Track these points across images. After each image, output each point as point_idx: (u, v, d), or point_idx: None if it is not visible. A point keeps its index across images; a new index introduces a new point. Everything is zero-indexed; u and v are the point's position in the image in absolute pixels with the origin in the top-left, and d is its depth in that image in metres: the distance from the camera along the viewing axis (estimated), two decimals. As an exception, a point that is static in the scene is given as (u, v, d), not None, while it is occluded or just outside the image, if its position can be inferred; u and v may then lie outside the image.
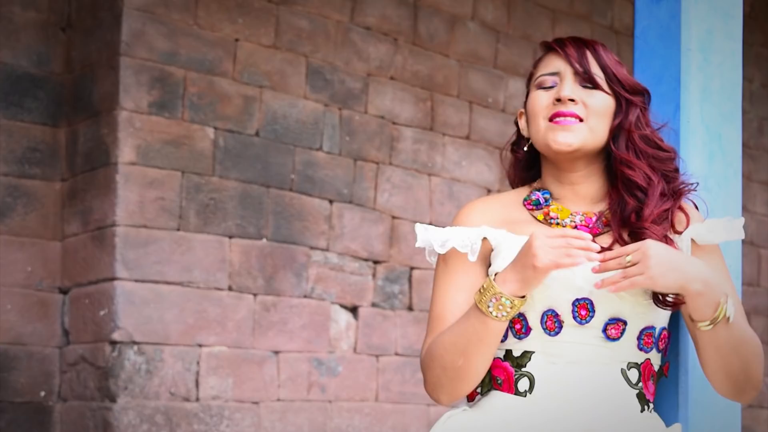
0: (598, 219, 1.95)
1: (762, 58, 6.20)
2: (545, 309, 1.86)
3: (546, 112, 1.94)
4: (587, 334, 1.86)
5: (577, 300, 1.85)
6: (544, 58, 2.03)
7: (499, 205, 2.04)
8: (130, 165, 3.74)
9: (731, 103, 2.25)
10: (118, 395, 3.66)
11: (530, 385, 1.87)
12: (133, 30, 3.77)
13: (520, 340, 1.89)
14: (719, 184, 2.20)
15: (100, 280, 3.74)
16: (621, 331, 1.86)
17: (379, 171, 4.45)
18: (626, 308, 1.86)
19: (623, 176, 1.94)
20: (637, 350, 1.88)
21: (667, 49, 2.20)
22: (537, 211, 2.00)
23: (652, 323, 1.89)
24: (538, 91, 1.98)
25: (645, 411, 1.90)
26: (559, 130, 1.92)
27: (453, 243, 1.92)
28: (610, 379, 1.86)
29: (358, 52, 4.42)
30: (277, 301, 4.10)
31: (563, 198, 2.00)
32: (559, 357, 1.86)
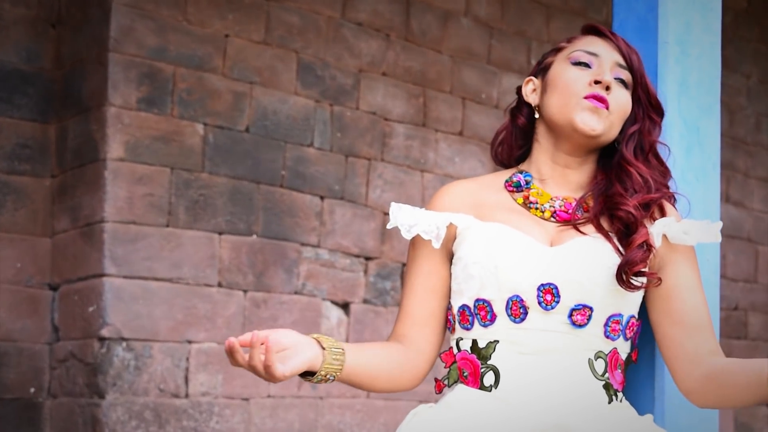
0: (578, 205, 1.95)
1: (760, 54, 6.18)
2: (510, 295, 1.85)
3: (580, 90, 1.92)
4: (553, 320, 1.85)
5: (542, 285, 1.84)
6: (584, 38, 2.03)
7: (475, 188, 2.03)
8: (118, 161, 3.74)
9: (710, 96, 2.25)
10: (106, 391, 3.66)
11: (495, 380, 1.86)
12: (122, 26, 3.77)
13: (486, 327, 1.88)
14: (697, 177, 2.20)
15: (89, 276, 3.74)
16: (587, 317, 1.85)
17: (370, 167, 4.44)
18: (592, 294, 1.85)
19: (621, 168, 1.96)
20: (604, 338, 1.87)
21: (644, 43, 2.19)
22: (517, 194, 1.99)
23: (620, 310, 1.88)
24: (572, 66, 1.96)
25: (613, 401, 1.89)
26: (591, 112, 1.91)
27: (418, 229, 1.93)
28: (576, 372, 1.85)
29: (350, 48, 4.41)
30: (267, 298, 4.10)
31: (549, 179, 1.99)
32: (525, 346, 1.85)
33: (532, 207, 1.96)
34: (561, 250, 1.87)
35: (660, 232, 1.92)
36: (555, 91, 1.96)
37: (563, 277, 1.84)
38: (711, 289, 2.20)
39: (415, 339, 1.97)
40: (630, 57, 1.99)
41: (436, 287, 1.97)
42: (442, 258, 1.97)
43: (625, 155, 1.96)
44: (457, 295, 1.94)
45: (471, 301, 1.90)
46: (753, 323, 6.03)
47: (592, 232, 1.91)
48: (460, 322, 1.93)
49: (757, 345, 6.06)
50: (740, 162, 6.02)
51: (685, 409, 2.13)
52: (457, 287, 1.93)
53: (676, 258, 1.93)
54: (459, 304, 1.93)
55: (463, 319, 1.92)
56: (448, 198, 2.00)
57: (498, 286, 1.85)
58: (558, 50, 2.04)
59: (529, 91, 2.04)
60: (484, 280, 1.87)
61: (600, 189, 1.96)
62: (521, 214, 1.95)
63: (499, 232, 1.89)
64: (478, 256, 1.88)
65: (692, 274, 1.94)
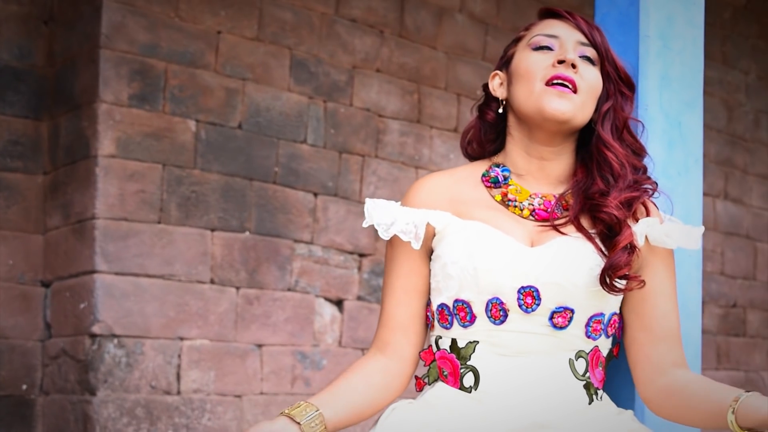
0: (558, 202, 1.90)
1: (758, 50, 6.16)
2: (490, 297, 1.82)
3: (544, 73, 1.87)
4: (533, 323, 1.82)
5: (522, 288, 1.81)
6: (541, 22, 1.98)
7: (451, 182, 1.97)
8: (109, 158, 3.73)
9: (692, 90, 2.22)
10: (97, 388, 3.66)
11: (475, 381, 1.83)
12: (113, 22, 3.76)
13: (465, 328, 1.85)
14: (679, 172, 2.18)
15: (81, 273, 3.73)
16: (568, 319, 1.82)
17: (364, 164, 4.43)
18: (574, 296, 1.82)
19: (600, 156, 1.90)
20: (585, 338, 1.85)
21: (625, 36, 2.18)
22: (495, 190, 1.93)
23: (601, 310, 1.86)
24: (533, 52, 1.91)
25: (594, 401, 1.87)
26: (556, 96, 1.85)
27: (396, 229, 1.88)
28: (557, 372, 1.82)
29: (344, 45, 4.41)
30: (260, 294, 4.09)
31: (527, 174, 1.94)
32: (505, 347, 1.82)
33: (511, 205, 1.91)
34: (541, 251, 1.84)
35: (643, 232, 1.89)
36: (519, 80, 1.91)
37: (544, 279, 1.81)
38: (693, 285, 2.19)
39: (398, 346, 1.93)
40: (592, 33, 1.93)
41: (417, 287, 1.93)
42: (421, 256, 1.92)
43: (602, 136, 1.90)
44: (436, 293, 1.90)
45: (450, 301, 1.86)
46: (751, 320, 6.01)
47: (573, 231, 1.87)
48: (439, 320, 1.90)
49: (755, 342, 6.04)
50: (739, 159, 6.00)
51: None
52: (436, 285, 1.90)
53: (654, 261, 1.90)
54: (438, 303, 1.89)
55: (442, 318, 1.89)
56: (424, 193, 1.95)
57: (477, 288, 1.82)
58: (518, 39, 1.99)
59: (497, 86, 1.99)
60: (463, 282, 1.83)
61: (580, 186, 1.91)
62: (500, 211, 1.90)
63: (478, 232, 1.85)
64: (457, 257, 1.84)
65: (668, 280, 1.92)
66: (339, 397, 1.84)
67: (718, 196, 5.85)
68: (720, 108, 5.90)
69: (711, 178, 5.80)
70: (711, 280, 5.78)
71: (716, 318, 5.80)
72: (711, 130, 5.81)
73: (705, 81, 5.88)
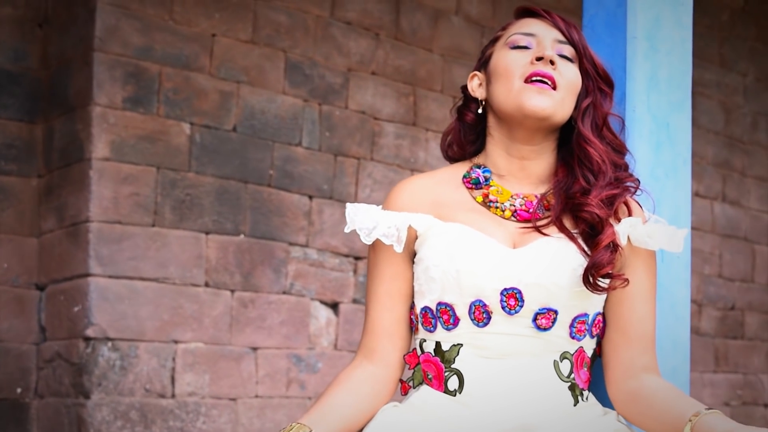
0: (540, 202, 1.89)
1: (756, 53, 6.15)
2: (473, 299, 1.81)
3: (522, 71, 1.87)
4: (517, 324, 1.81)
5: (505, 290, 1.80)
6: (518, 21, 1.98)
7: (432, 184, 1.96)
8: (103, 161, 3.73)
9: (680, 91, 2.22)
10: (91, 391, 3.65)
11: (460, 384, 1.82)
12: (107, 25, 3.76)
13: (449, 331, 1.84)
14: (667, 174, 2.18)
15: (75, 276, 3.73)
16: (552, 320, 1.81)
17: (360, 166, 4.43)
18: (557, 297, 1.81)
19: (581, 153, 1.90)
20: (570, 339, 1.84)
21: (613, 38, 2.18)
22: (476, 191, 1.92)
23: (585, 310, 1.85)
24: (512, 51, 1.91)
25: (579, 402, 1.86)
26: (535, 92, 1.85)
27: (378, 233, 1.87)
28: (541, 374, 1.82)
29: (339, 47, 4.40)
30: (255, 297, 4.09)
31: (508, 175, 1.94)
32: (489, 350, 1.81)
33: (492, 206, 1.90)
34: (524, 253, 1.83)
35: (625, 232, 1.88)
36: (498, 79, 1.90)
37: (527, 281, 1.80)
38: (682, 288, 2.19)
39: (384, 352, 1.92)
40: (569, 31, 1.93)
41: (401, 291, 1.92)
42: (404, 260, 1.91)
43: (582, 132, 1.90)
44: (419, 296, 1.89)
45: (433, 304, 1.86)
46: (750, 323, 6.00)
47: (555, 232, 1.86)
48: (423, 324, 1.89)
49: (754, 345, 6.03)
50: (737, 161, 5.99)
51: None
52: (419, 288, 1.89)
53: (635, 262, 1.89)
54: (421, 306, 1.89)
55: (426, 321, 1.88)
56: (406, 196, 1.94)
57: (460, 291, 1.81)
58: (496, 39, 1.99)
59: (476, 86, 1.98)
60: (445, 284, 1.83)
61: (561, 185, 1.90)
62: (482, 213, 1.89)
63: (460, 234, 1.84)
64: (440, 259, 1.83)
65: (647, 282, 1.90)
66: (330, 413, 1.83)
67: (716, 199, 5.85)
68: (718, 110, 5.90)
69: (709, 180, 5.79)
70: (709, 283, 5.77)
71: (714, 320, 5.79)
72: (709, 133, 5.81)
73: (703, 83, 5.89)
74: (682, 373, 2.17)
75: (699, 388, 5.62)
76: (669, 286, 2.15)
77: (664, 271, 2.14)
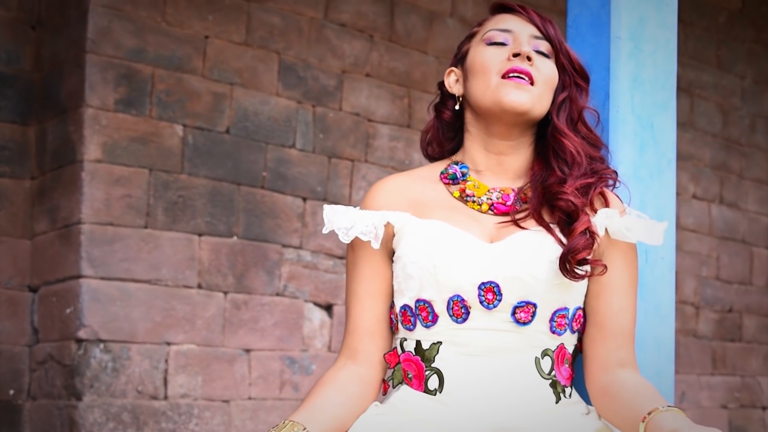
0: (517, 196, 1.90)
1: (753, 55, 6.14)
2: (451, 294, 1.81)
3: (500, 67, 1.88)
4: (496, 319, 1.81)
5: (482, 283, 1.80)
6: (494, 17, 1.99)
7: (410, 183, 1.97)
8: (95, 162, 3.73)
9: (665, 92, 2.22)
10: (83, 393, 3.65)
11: (440, 383, 1.82)
12: (99, 27, 3.76)
13: (428, 328, 1.84)
14: (651, 174, 2.17)
15: (67, 278, 3.73)
16: (531, 314, 1.81)
17: (354, 168, 4.43)
18: (535, 290, 1.81)
19: (556, 145, 1.91)
20: (550, 333, 1.83)
21: (597, 38, 2.18)
22: (453, 187, 1.94)
23: (565, 304, 1.85)
24: (488, 47, 1.92)
25: (562, 399, 1.85)
26: (513, 87, 1.86)
27: (356, 231, 1.87)
28: (522, 371, 1.81)
29: (333, 49, 4.40)
30: (248, 299, 4.08)
31: (486, 170, 1.95)
32: (468, 346, 1.81)
33: (469, 200, 1.91)
34: (501, 247, 1.83)
35: (602, 224, 1.88)
36: (476, 75, 1.91)
37: (504, 274, 1.80)
38: (666, 288, 2.18)
39: (367, 352, 1.93)
40: (545, 26, 1.94)
41: (381, 290, 1.92)
42: (383, 258, 1.92)
43: (557, 125, 1.91)
44: (398, 295, 1.90)
45: (412, 302, 1.86)
46: (748, 325, 5.99)
47: (533, 225, 1.86)
48: (403, 322, 1.89)
49: (752, 347, 6.01)
50: (734, 163, 5.98)
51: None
52: (398, 287, 1.89)
53: (613, 255, 1.89)
54: (401, 304, 1.89)
55: (405, 320, 1.88)
56: (383, 195, 1.95)
57: (438, 287, 1.82)
58: (472, 36, 2.00)
59: (452, 83, 2.00)
60: (423, 281, 1.83)
61: (538, 178, 1.91)
62: (459, 209, 1.90)
63: (437, 230, 1.85)
64: (417, 256, 1.84)
65: (626, 276, 1.90)
66: (320, 412, 1.82)
67: (714, 201, 5.83)
68: (715, 112, 5.89)
69: (706, 182, 5.78)
70: (706, 285, 5.76)
71: (712, 323, 5.78)
72: (706, 135, 5.80)
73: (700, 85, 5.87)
74: (667, 375, 2.17)
75: (696, 390, 5.61)
76: (653, 287, 2.15)
77: (648, 272, 2.14)
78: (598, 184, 1.89)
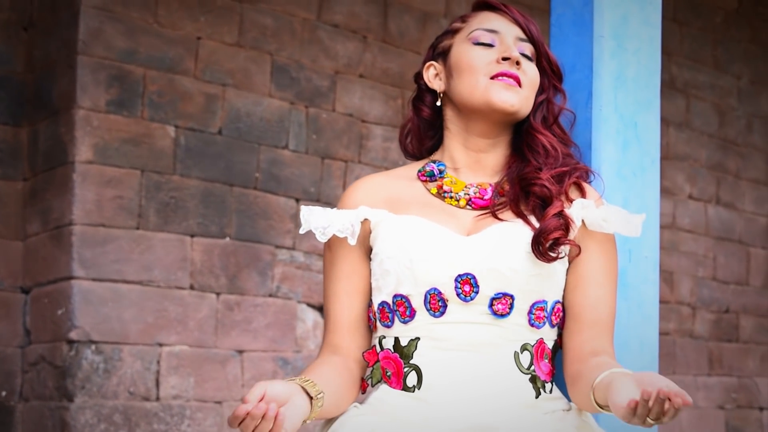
0: (495, 190, 1.91)
1: (750, 55, 6.13)
2: (428, 288, 1.81)
3: (488, 69, 1.90)
4: (473, 312, 1.81)
5: (459, 276, 1.80)
6: (479, 15, 1.99)
7: (387, 182, 1.98)
8: (87, 164, 3.73)
9: (648, 90, 2.22)
10: (75, 394, 3.65)
11: (418, 380, 1.82)
12: (91, 28, 3.76)
13: (406, 324, 1.84)
14: (635, 173, 2.17)
15: (58, 279, 3.73)
16: (509, 305, 1.81)
17: (347, 169, 4.42)
18: (512, 281, 1.80)
19: (531, 140, 1.93)
20: (529, 327, 1.83)
21: (579, 37, 2.18)
22: (431, 183, 1.95)
23: (543, 297, 1.84)
24: (474, 47, 1.93)
25: (542, 394, 1.85)
26: (503, 88, 1.88)
27: (333, 229, 1.88)
28: (501, 367, 1.81)
29: (326, 50, 4.40)
30: (240, 300, 4.08)
31: (463, 167, 1.96)
32: (446, 341, 1.81)
33: (447, 196, 1.92)
34: (477, 239, 1.84)
35: (579, 215, 1.88)
36: (461, 74, 1.92)
37: (481, 266, 1.80)
38: (650, 287, 2.18)
39: (348, 349, 1.93)
40: (529, 29, 1.97)
41: (359, 288, 1.93)
42: (360, 257, 1.93)
43: (533, 124, 1.94)
44: (376, 292, 1.90)
45: (389, 298, 1.86)
46: (744, 326, 5.97)
47: (511, 217, 1.87)
48: (381, 319, 1.89)
49: (749, 348, 6.00)
50: (731, 163, 5.97)
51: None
52: (376, 284, 1.90)
53: (590, 246, 1.89)
54: (378, 301, 1.89)
55: (383, 317, 1.88)
56: (360, 193, 1.96)
57: (414, 281, 1.82)
58: (454, 31, 1.99)
59: (432, 77, 2.00)
60: (400, 275, 1.83)
61: (514, 171, 1.92)
62: (435, 205, 1.91)
63: (412, 225, 1.86)
64: (393, 251, 1.84)
65: (603, 267, 1.90)
66: (329, 387, 1.81)
67: (710, 201, 5.82)
68: (712, 113, 5.88)
69: (703, 183, 5.78)
70: (703, 286, 5.75)
71: (708, 323, 5.77)
72: (702, 135, 5.79)
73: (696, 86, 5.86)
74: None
75: (693, 391, 5.60)
76: (637, 286, 2.14)
77: (632, 271, 2.14)
78: (572, 173, 1.91)
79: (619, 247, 2.08)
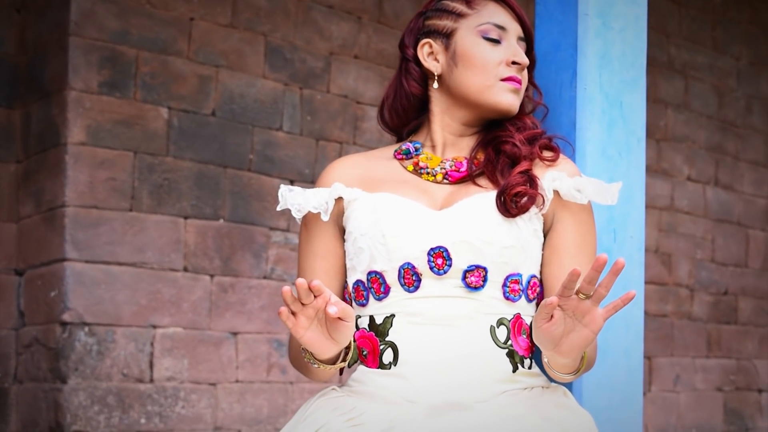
0: (470, 161, 1.92)
1: (749, 36, 6.10)
2: (401, 263, 1.82)
3: (497, 71, 1.91)
4: (447, 285, 1.81)
5: (432, 249, 1.80)
6: (487, 6, 1.96)
7: (363, 161, 2.00)
8: (79, 145, 3.72)
9: (634, 69, 2.20)
10: (68, 376, 3.65)
11: (394, 357, 1.82)
12: (83, 9, 3.74)
13: (380, 301, 1.85)
14: (620, 153, 2.16)
15: (51, 261, 3.73)
16: (482, 278, 1.80)
17: (342, 151, 4.41)
18: (484, 253, 1.80)
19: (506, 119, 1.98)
20: (504, 300, 1.82)
21: (564, 15, 2.16)
22: (407, 161, 1.96)
23: (518, 269, 1.83)
24: (484, 42, 1.93)
25: (519, 369, 1.84)
26: (510, 91, 1.92)
27: (308, 206, 1.89)
28: (477, 341, 1.80)
29: (320, 31, 4.38)
30: (234, 282, 4.08)
31: (440, 146, 1.97)
32: (421, 316, 1.81)
33: (423, 172, 1.92)
34: (449, 213, 1.84)
35: (551, 187, 1.88)
36: (470, 68, 1.92)
37: (453, 238, 1.80)
38: (635, 268, 2.17)
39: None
40: (527, 25, 1.99)
41: (335, 267, 1.94)
42: (335, 236, 1.93)
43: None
44: (351, 272, 1.91)
45: (364, 276, 1.87)
46: (743, 308, 5.96)
47: (487, 183, 1.88)
48: (356, 298, 1.90)
49: (747, 330, 5.99)
50: (730, 145, 5.95)
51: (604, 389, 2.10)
52: (350, 263, 1.90)
53: (564, 217, 1.89)
54: (353, 280, 1.90)
55: (358, 295, 1.89)
56: (336, 173, 1.97)
57: (388, 256, 1.82)
58: (459, 15, 1.96)
59: (426, 55, 1.98)
60: (373, 251, 1.83)
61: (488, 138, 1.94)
62: (410, 182, 1.92)
63: (384, 202, 1.86)
64: (366, 228, 1.85)
65: (578, 237, 1.89)
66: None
67: (709, 183, 5.81)
68: (710, 94, 5.85)
69: (701, 164, 5.76)
70: (701, 268, 5.74)
71: (707, 306, 5.76)
72: (701, 116, 5.77)
73: (695, 67, 5.83)
74: (636, 355, 2.15)
75: (691, 373, 5.60)
76: (622, 267, 2.13)
77: (617, 251, 2.13)
78: (543, 134, 1.94)
79: (604, 226, 2.08)
